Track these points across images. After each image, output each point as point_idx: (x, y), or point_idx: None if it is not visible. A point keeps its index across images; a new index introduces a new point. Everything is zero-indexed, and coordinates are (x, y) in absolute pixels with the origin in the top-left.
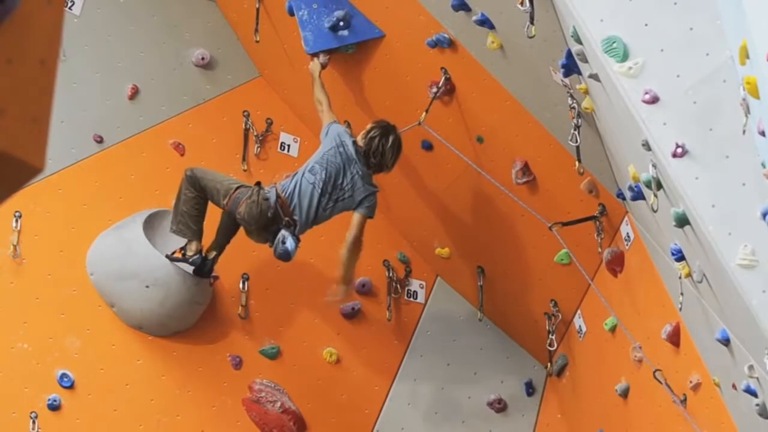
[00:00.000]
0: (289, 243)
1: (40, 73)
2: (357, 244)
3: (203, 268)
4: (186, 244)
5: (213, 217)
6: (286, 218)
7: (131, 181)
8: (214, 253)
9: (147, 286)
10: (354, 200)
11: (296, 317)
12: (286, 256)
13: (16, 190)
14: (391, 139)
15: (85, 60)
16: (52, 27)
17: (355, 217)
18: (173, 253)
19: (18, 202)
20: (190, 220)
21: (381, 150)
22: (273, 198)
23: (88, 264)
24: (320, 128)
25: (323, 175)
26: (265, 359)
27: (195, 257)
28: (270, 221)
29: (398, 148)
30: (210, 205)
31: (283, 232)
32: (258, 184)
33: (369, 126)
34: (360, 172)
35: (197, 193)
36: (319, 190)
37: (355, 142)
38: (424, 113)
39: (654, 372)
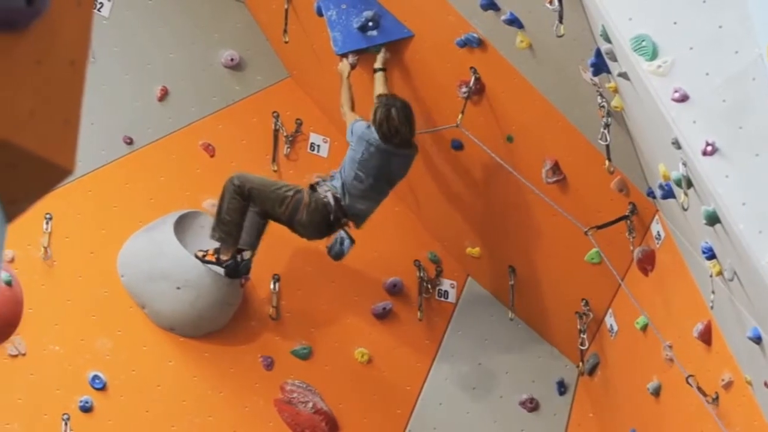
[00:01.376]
0: (347, 245)
1: (70, 74)
2: None
3: (238, 270)
4: (220, 248)
5: None
6: (344, 220)
7: (161, 183)
8: (249, 253)
9: (178, 288)
10: (406, 168)
11: (328, 317)
12: (341, 256)
13: (47, 192)
14: (394, 114)
15: (114, 61)
16: (81, 28)
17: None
18: (204, 254)
19: (48, 204)
20: (232, 227)
21: (395, 130)
22: (332, 203)
23: (119, 265)
24: None
25: (371, 181)
26: (297, 360)
27: (229, 262)
28: (330, 225)
29: (407, 118)
30: None
31: (341, 234)
32: (311, 187)
33: (372, 110)
34: (401, 154)
35: (243, 202)
36: (374, 190)
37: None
38: (460, 115)
39: (687, 378)
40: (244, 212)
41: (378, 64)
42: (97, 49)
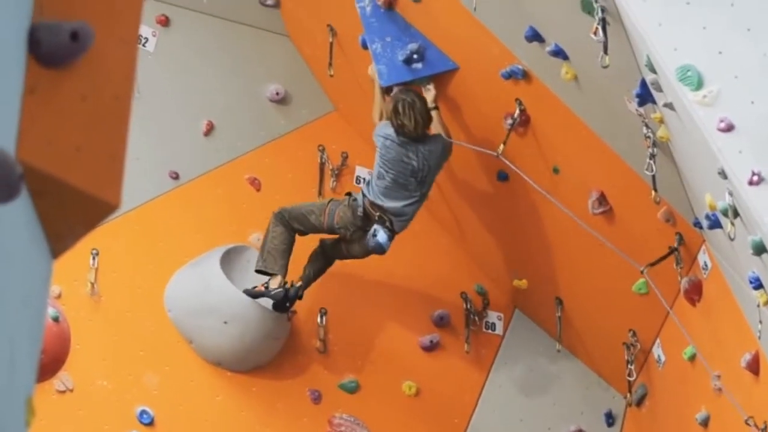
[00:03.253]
0: (380, 235)
1: (115, 109)
2: None
3: (285, 301)
4: (269, 279)
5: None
6: (377, 214)
7: (208, 217)
8: (299, 284)
9: (225, 322)
10: (433, 162)
11: (375, 350)
12: (379, 248)
13: (93, 228)
14: (400, 108)
15: (160, 96)
16: (126, 64)
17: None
18: (254, 288)
19: (95, 240)
20: (277, 255)
21: (413, 123)
22: (360, 199)
23: (166, 301)
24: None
25: (391, 175)
26: (345, 393)
27: (278, 290)
28: (363, 222)
29: (420, 109)
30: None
31: (375, 226)
32: (348, 194)
33: (388, 113)
34: (420, 148)
35: (285, 228)
36: (398, 185)
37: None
38: (501, 145)
39: (746, 420)
40: (289, 241)
41: (429, 104)
42: (143, 84)
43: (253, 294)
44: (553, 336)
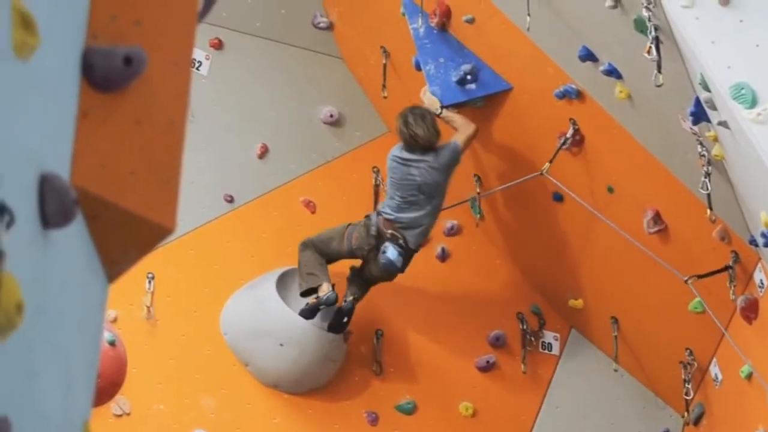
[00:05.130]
0: (390, 252)
1: (169, 133)
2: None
3: (340, 318)
4: (317, 292)
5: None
6: (389, 231)
7: (263, 240)
8: (351, 298)
9: (281, 345)
10: (438, 173)
11: (431, 371)
12: (390, 264)
13: (148, 252)
14: (419, 119)
15: (214, 120)
16: (179, 87)
17: (453, 147)
18: (307, 305)
19: (150, 264)
20: (314, 269)
21: (425, 131)
22: (374, 218)
23: (222, 324)
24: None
25: (399, 194)
26: (402, 414)
27: (329, 293)
28: (377, 240)
29: (430, 120)
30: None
31: (385, 243)
32: (367, 215)
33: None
34: (423, 161)
35: (312, 251)
36: (407, 202)
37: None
38: (547, 163)
39: None
40: (320, 258)
41: (435, 110)
42: (196, 108)
43: (309, 311)
44: (609, 355)
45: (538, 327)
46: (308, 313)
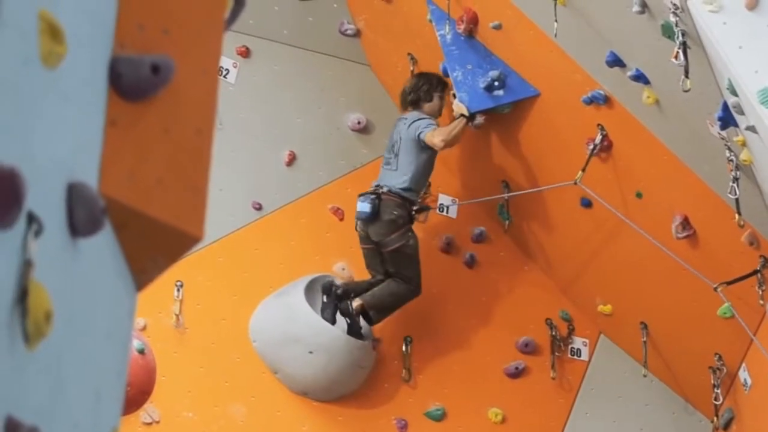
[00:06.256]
0: (359, 203)
1: (197, 142)
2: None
3: (354, 328)
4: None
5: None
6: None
7: (291, 248)
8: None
9: (310, 352)
10: (408, 134)
11: (460, 378)
12: (358, 215)
13: (177, 260)
14: (414, 76)
15: (241, 127)
16: (207, 96)
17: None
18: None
19: (179, 272)
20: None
21: (404, 87)
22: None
23: (251, 331)
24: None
25: (384, 156)
26: (431, 421)
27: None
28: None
29: (418, 77)
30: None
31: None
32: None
33: None
34: (404, 118)
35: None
36: (385, 163)
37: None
38: (580, 172)
39: None
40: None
41: (456, 114)
42: (224, 116)
43: (329, 313)
44: (638, 361)
45: (567, 333)
46: (328, 313)
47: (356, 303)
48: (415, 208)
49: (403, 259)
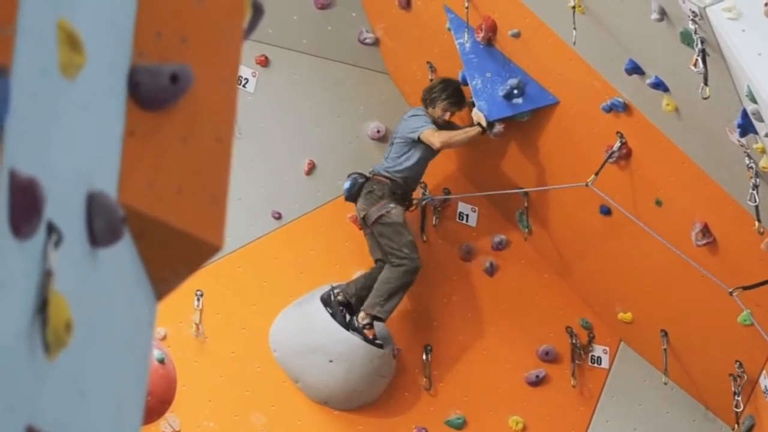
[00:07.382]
0: (345, 183)
1: (216, 151)
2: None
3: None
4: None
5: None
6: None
7: (311, 256)
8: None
9: (330, 361)
10: (404, 131)
11: (481, 386)
12: (344, 192)
13: (196, 269)
14: (438, 80)
15: (261, 136)
16: (226, 105)
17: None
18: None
19: (199, 281)
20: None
21: (431, 84)
22: None
23: (271, 341)
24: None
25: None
26: (452, 429)
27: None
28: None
29: (444, 87)
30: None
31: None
32: None
33: None
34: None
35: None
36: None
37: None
38: (593, 176)
39: None
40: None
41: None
42: (243, 125)
43: (339, 316)
44: (659, 368)
45: (587, 340)
46: (339, 318)
47: (361, 316)
48: (414, 201)
49: (387, 230)
